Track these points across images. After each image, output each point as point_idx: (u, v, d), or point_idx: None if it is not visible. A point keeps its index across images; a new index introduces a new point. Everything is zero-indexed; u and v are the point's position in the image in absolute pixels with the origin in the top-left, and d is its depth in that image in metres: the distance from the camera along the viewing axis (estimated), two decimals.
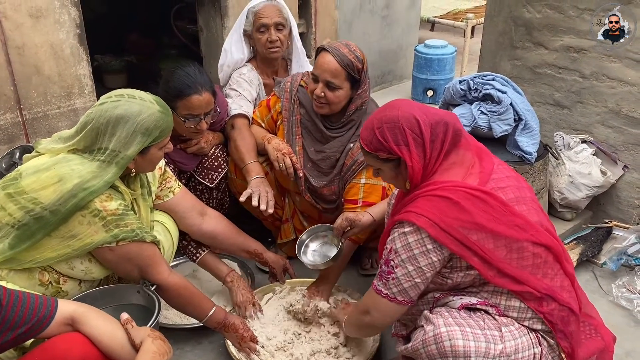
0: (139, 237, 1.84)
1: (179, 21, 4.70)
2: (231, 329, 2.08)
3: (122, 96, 1.82)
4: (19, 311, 1.42)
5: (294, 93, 2.50)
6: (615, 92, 2.86)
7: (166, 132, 1.87)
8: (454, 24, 5.81)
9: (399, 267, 1.66)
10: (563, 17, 2.94)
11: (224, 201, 2.69)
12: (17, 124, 2.74)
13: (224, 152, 2.58)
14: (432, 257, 1.62)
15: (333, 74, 2.25)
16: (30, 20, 2.64)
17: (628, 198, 2.98)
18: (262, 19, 2.65)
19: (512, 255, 1.63)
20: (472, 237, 1.60)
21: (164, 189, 2.16)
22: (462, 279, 1.68)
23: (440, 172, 1.68)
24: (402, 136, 1.66)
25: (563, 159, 2.94)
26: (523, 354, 1.64)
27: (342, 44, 2.29)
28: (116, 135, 1.77)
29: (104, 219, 1.77)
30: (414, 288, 1.67)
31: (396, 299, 1.69)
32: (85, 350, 1.51)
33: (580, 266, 2.74)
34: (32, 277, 1.82)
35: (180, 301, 2.00)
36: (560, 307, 1.67)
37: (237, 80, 2.70)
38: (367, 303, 1.80)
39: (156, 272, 1.91)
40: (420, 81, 4.70)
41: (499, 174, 1.73)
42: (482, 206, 1.61)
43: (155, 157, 1.91)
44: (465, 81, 2.80)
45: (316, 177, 2.49)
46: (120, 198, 1.84)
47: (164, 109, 1.87)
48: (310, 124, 2.47)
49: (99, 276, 1.93)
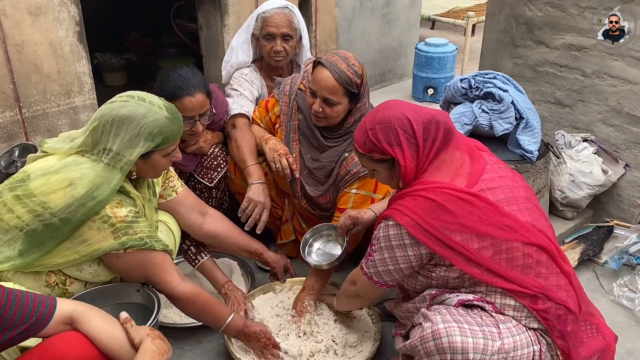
0: (148, 245, 1.81)
1: (178, 19, 4.70)
2: (253, 338, 2.05)
3: (132, 97, 1.81)
4: (17, 310, 1.41)
5: (292, 97, 2.47)
6: (617, 91, 2.85)
7: (171, 140, 1.83)
8: (454, 22, 5.79)
9: (377, 252, 1.77)
10: (564, 15, 2.93)
11: (223, 200, 2.68)
12: (17, 122, 2.73)
13: (223, 151, 2.57)
14: (408, 250, 1.69)
15: (331, 91, 2.20)
16: (30, 17, 2.63)
17: (629, 197, 2.97)
18: (270, 28, 2.61)
19: (500, 256, 1.64)
20: (455, 237, 1.64)
21: (167, 188, 2.15)
22: (446, 273, 1.71)
23: (430, 172, 1.71)
24: (394, 136, 1.69)
25: (564, 157, 2.93)
26: (522, 351, 1.63)
27: (340, 57, 2.21)
28: (120, 136, 1.76)
29: (113, 225, 1.75)
30: (387, 274, 1.78)
31: (372, 278, 1.83)
32: (84, 350, 1.50)
33: (582, 265, 2.74)
34: (39, 279, 1.81)
35: (194, 311, 1.95)
36: (557, 305, 1.67)
37: (238, 80, 2.68)
38: (354, 275, 1.97)
39: (165, 282, 1.87)
40: (421, 79, 4.70)
41: (491, 174, 1.74)
42: (468, 208, 1.64)
43: (159, 164, 1.87)
44: (467, 79, 2.79)
45: (312, 186, 2.48)
46: (131, 204, 1.82)
47: (173, 116, 1.83)
48: (308, 130, 2.44)
49: (106, 279, 1.91)
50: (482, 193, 1.67)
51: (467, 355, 1.57)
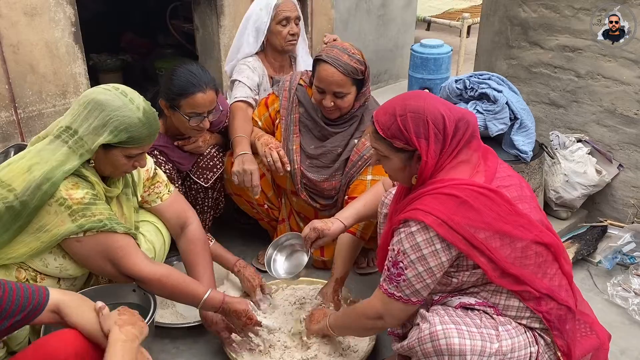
0: (108, 227, 1.78)
1: (174, 20, 4.69)
2: (233, 315, 2.01)
3: (116, 89, 1.81)
4: (15, 299, 1.43)
5: (292, 92, 2.50)
6: (611, 92, 2.87)
7: (137, 142, 1.79)
8: (450, 24, 5.81)
9: (409, 268, 1.61)
10: (558, 16, 2.94)
11: (219, 201, 2.69)
12: (12, 122, 2.72)
13: (219, 152, 2.59)
14: (442, 257, 1.59)
15: (339, 84, 2.26)
16: (25, 18, 2.63)
17: (623, 197, 2.99)
18: (285, 12, 2.71)
19: (515, 254, 1.62)
20: (479, 235, 1.57)
21: (151, 194, 2.14)
22: (468, 278, 1.67)
23: (447, 170, 1.65)
24: (424, 129, 1.60)
25: (558, 158, 2.95)
26: (519, 352, 1.64)
27: (339, 50, 2.27)
28: (89, 121, 1.76)
29: (69, 207, 1.74)
30: (425, 288, 1.65)
31: (410, 300, 1.66)
32: (78, 346, 1.50)
33: (576, 265, 2.75)
34: (9, 275, 1.80)
35: (166, 292, 1.91)
36: (559, 306, 1.68)
37: (239, 68, 2.74)
38: (378, 308, 1.74)
39: (131, 264, 1.82)
40: (416, 80, 4.70)
41: (502, 173, 1.72)
42: (490, 204, 1.59)
43: (118, 163, 1.83)
44: (461, 80, 2.81)
45: (316, 172, 2.49)
46: (88, 187, 1.80)
47: (147, 120, 1.79)
48: (309, 122, 2.48)
49: (75, 273, 1.89)
50: (500, 190, 1.63)
51: (465, 357, 1.56)
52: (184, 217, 2.19)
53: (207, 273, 2.11)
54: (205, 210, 2.62)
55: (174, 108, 2.29)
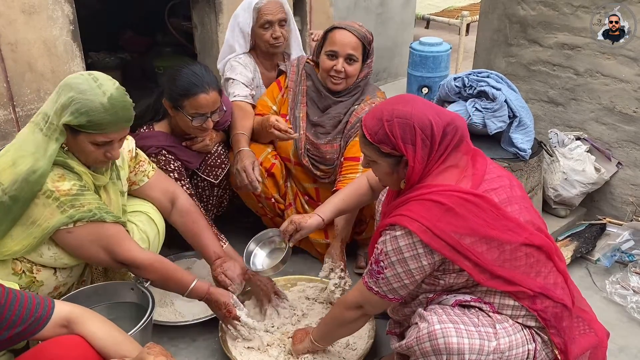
0: (97, 217, 1.80)
1: (173, 18, 4.69)
2: (214, 306, 2.07)
3: (90, 74, 1.82)
4: (16, 310, 1.41)
5: (301, 67, 2.63)
6: (609, 89, 2.86)
7: (97, 128, 1.76)
8: (449, 22, 5.81)
9: (388, 268, 1.66)
10: (557, 14, 2.94)
11: (223, 198, 2.72)
12: (10, 120, 2.72)
13: (225, 150, 2.62)
14: (423, 261, 1.62)
15: (353, 46, 2.42)
16: (23, 16, 2.62)
17: (622, 195, 2.99)
18: (267, 16, 2.67)
19: (504, 257, 1.62)
20: (464, 241, 1.59)
21: (137, 173, 2.15)
22: (455, 280, 1.68)
23: (435, 175, 1.66)
24: (411, 135, 1.61)
25: (557, 156, 2.95)
26: (517, 350, 1.64)
27: (348, 22, 2.48)
28: (57, 102, 1.78)
29: (57, 199, 1.74)
30: (403, 288, 1.69)
31: (387, 296, 1.72)
32: (81, 354, 1.48)
33: (574, 263, 2.75)
34: (6, 267, 1.81)
35: (157, 277, 1.95)
36: (554, 304, 1.68)
37: (231, 65, 2.75)
38: (357, 297, 1.81)
39: (125, 250, 1.85)
40: (415, 78, 4.70)
41: (491, 174, 1.72)
42: (476, 210, 1.60)
43: (86, 149, 1.82)
44: (460, 78, 2.80)
45: (318, 138, 2.58)
46: (74, 179, 1.81)
47: (112, 108, 1.76)
48: (315, 94, 2.59)
49: (70, 262, 1.89)
50: (486, 194, 1.64)
51: (464, 356, 1.57)
52: (172, 191, 2.24)
53: (211, 238, 2.21)
54: (208, 209, 2.64)
55: (177, 108, 2.31)
